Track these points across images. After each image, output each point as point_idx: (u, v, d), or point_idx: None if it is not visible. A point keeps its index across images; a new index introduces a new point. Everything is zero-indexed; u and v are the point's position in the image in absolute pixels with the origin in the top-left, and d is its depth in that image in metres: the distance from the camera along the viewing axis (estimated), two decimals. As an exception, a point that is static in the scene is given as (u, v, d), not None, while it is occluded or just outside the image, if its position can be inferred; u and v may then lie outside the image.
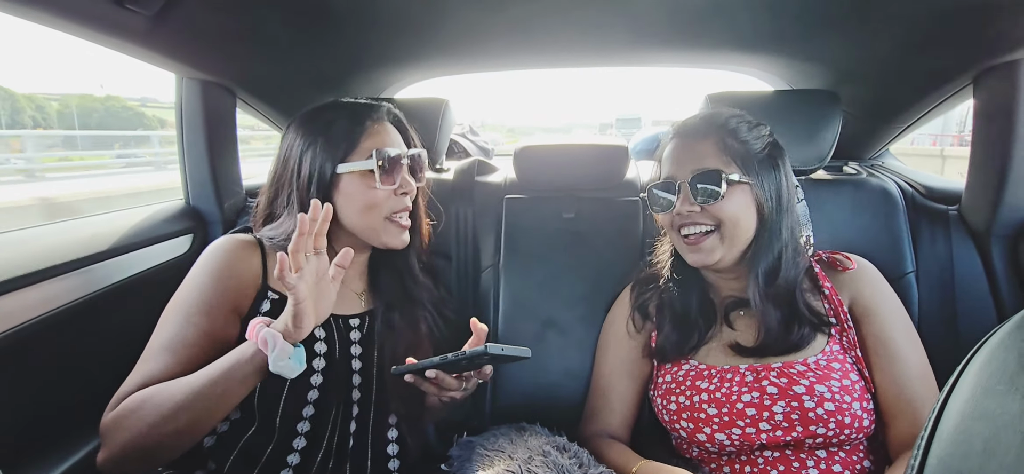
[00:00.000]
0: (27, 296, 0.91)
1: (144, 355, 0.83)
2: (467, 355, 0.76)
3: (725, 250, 0.94)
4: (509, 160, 1.46)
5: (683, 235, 0.96)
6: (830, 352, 0.90)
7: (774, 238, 0.93)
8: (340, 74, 1.49)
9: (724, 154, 0.93)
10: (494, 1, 1.11)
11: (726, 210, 0.92)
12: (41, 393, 0.96)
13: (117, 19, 0.91)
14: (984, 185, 1.18)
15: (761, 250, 0.94)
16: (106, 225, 1.13)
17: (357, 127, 0.94)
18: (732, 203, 0.92)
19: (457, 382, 0.85)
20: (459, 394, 0.87)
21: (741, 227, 0.93)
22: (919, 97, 1.32)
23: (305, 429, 0.89)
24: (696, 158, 0.94)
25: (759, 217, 0.94)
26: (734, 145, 0.93)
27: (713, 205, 0.92)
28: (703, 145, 0.95)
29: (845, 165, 1.51)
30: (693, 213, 0.93)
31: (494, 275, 1.32)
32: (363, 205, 0.93)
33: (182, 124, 1.30)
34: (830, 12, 1.13)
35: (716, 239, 0.94)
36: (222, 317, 0.86)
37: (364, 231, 0.95)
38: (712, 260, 0.94)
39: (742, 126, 0.96)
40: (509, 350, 0.77)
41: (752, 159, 0.93)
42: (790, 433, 0.85)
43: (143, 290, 1.15)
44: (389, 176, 0.93)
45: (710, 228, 0.94)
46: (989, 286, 1.18)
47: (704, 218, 0.93)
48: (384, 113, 0.98)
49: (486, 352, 0.75)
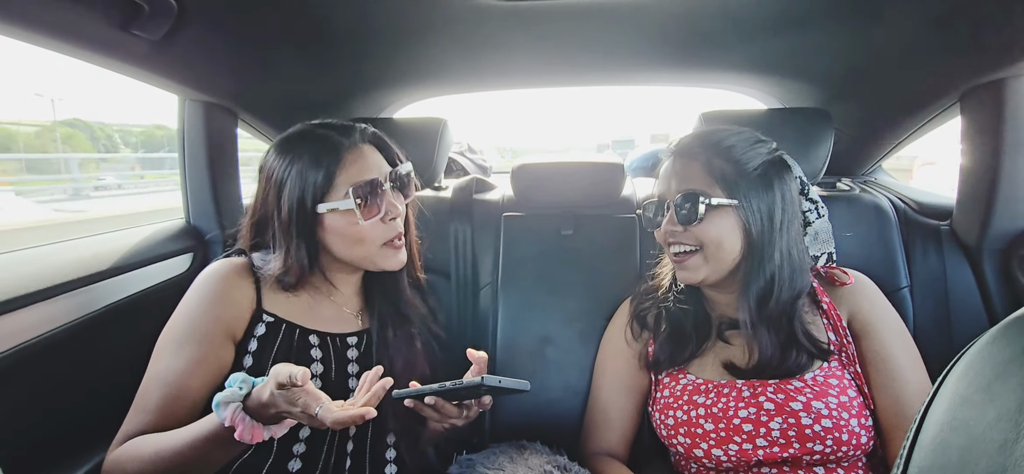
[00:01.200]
0: (29, 315, 0.91)
1: (141, 390, 0.83)
2: (464, 385, 0.76)
3: (709, 269, 0.93)
4: (507, 178, 1.47)
5: (672, 252, 0.97)
6: (828, 369, 0.90)
7: (765, 260, 0.91)
8: (340, 95, 1.51)
9: (709, 175, 0.92)
10: (492, 23, 1.13)
11: (707, 233, 0.91)
12: (43, 412, 0.96)
13: (122, 44, 0.93)
14: (974, 200, 1.20)
15: (751, 272, 0.92)
16: (107, 244, 1.13)
17: (331, 161, 0.88)
18: (713, 226, 0.91)
19: (457, 410, 0.85)
20: (460, 421, 0.87)
21: (724, 249, 0.92)
22: (908, 115, 1.34)
23: (301, 451, 0.88)
24: (683, 178, 0.94)
25: (746, 239, 0.92)
26: (722, 165, 0.92)
27: (693, 227, 0.92)
28: (691, 165, 0.95)
29: (838, 182, 1.53)
30: (676, 232, 0.94)
31: (493, 293, 1.33)
32: (351, 240, 0.91)
33: (184, 144, 1.32)
34: (821, 32, 1.16)
35: (700, 259, 0.94)
36: (217, 343, 0.86)
37: (358, 261, 0.94)
38: (697, 278, 0.94)
39: (739, 144, 0.95)
40: (507, 383, 0.77)
41: (741, 179, 0.92)
42: (787, 450, 0.85)
43: (144, 309, 1.15)
44: (373, 206, 0.89)
45: (694, 248, 0.94)
46: (982, 300, 1.20)
47: (687, 238, 0.93)
48: (358, 137, 0.93)
49: (483, 384, 0.75)
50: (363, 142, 0.94)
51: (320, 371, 0.92)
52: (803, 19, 1.11)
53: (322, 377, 0.92)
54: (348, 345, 0.97)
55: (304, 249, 0.90)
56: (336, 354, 0.95)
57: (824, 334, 0.94)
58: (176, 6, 0.90)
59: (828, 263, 1.04)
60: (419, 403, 0.82)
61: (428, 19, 1.12)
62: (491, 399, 0.86)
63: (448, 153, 1.55)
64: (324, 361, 0.93)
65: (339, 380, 0.94)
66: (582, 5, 1.04)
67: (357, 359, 0.97)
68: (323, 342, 0.94)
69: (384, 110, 1.68)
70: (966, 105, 1.20)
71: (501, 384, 0.76)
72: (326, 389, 0.90)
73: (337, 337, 0.96)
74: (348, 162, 0.90)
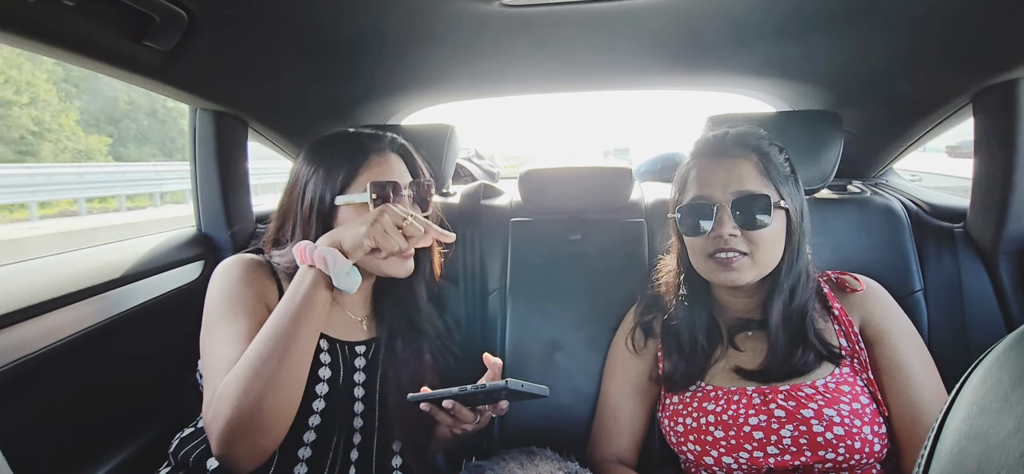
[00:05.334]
0: (44, 323, 0.92)
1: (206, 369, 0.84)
2: (487, 388, 0.76)
3: (756, 271, 0.91)
4: (515, 183, 1.47)
5: (718, 257, 0.91)
6: (840, 375, 0.89)
7: (797, 259, 0.92)
8: (349, 103, 1.52)
9: (764, 176, 0.90)
10: (498, 29, 1.14)
11: (766, 236, 0.89)
12: (58, 418, 0.97)
13: (134, 55, 0.94)
14: (988, 202, 1.18)
15: (785, 273, 0.92)
16: (119, 252, 1.15)
17: (358, 158, 0.94)
18: (773, 228, 0.89)
19: (471, 414, 0.84)
20: (472, 427, 0.87)
21: (775, 252, 0.91)
22: (918, 117, 1.33)
23: (307, 455, 0.88)
24: (736, 179, 0.90)
25: (788, 239, 0.92)
26: (770, 167, 0.91)
27: (755, 231, 0.89)
28: (742, 166, 0.91)
29: (849, 184, 1.51)
30: (734, 238, 0.89)
31: (501, 298, 1.33)
32: None
33: (195, 153, 1.33)
34: (829, 34, 1.15)
35: (749, 260, 0.90)
36: (261, 312, 0.86)
37: (365, 263, 0.94)
38: (744, 281, 0.91)
39: (771, 147, 0.94)
40: (528, 387, 0.77)
41: (784, 180, 0.91)
42: (799, 457, 0.84)
43: (155, 316, 1.16)
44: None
45: (745, 251, 0.90)
46: (998, 303, 1.18)
47: (740, 243, 0.89)
48: (387, 144, 0.98)
49: (506, 387, 0.75)
50: (391, 150, 0.98)
51: (327, 376, 0.92)
52: (811, 21, 1.10)
53: (329, 382, 0.92)
54: (356, 353, 0.98)
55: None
56: (344, 361, 0.95)
57: (835, 340, 0.93)
58: (186, 17, 0.91)
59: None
60: (434, 406, 0.82)
61: (434, 26, 1.12)
62: (508, 404, 0.86)
63: (456, 159, 1.55)
64: (332, 367, 0.93)
65: (346, 387, 0.94)
66: (587, 10, 1.04)
67: (364, 368, 0.97)
68: (332, 347, 0.94)
69: (392, 117, 1.69)
70: (978, 106, 1.18)
71: (523, 388, 0.76)
72: (332, 395, 0.91)
73: (345, 345, 0.97)
74: (374, 163, 0.94)
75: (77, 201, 9.39)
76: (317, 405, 0.89)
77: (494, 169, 2.18)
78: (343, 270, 0.79)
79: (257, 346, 0.77)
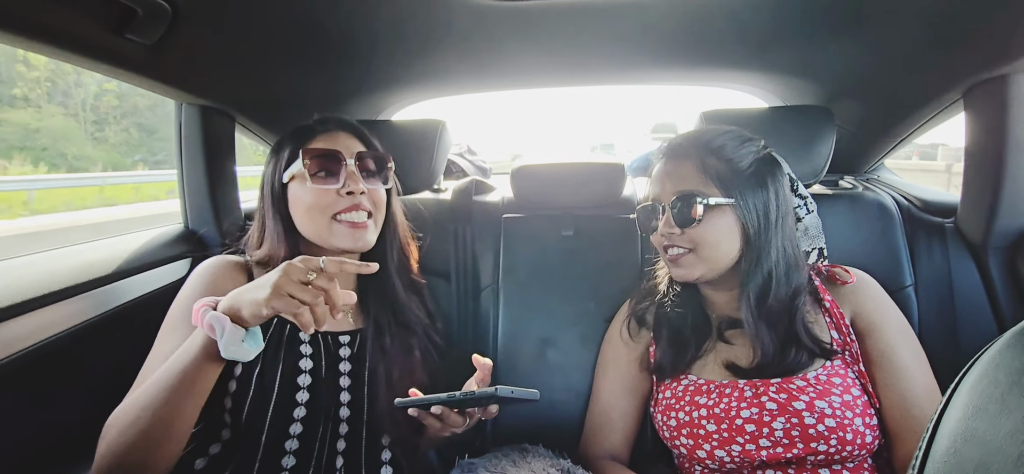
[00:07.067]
0: (29, 322, 0.91)
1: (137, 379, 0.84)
2: (475, 395, 0.76)
3: (705, 268, 0.93)
4: (507, 179, 1.47)
5: (668, 254, 0.97)
6: (831, 368, 0.89)
7: (763, 258, 0.92)
8: (338, 97, 1.50)
9: (704, 175, 0.92)
10: (492, 23, 1.13)
11: (704, 234, 0.91)
12: (43, 418, 0.96)
13: (117, 48, 0.92)
14: (979, 198, 1.19)
15: (750, 270, 0.92)
16: (105, 250, 1.13)
17: (304, 137, 0.96)
18: (710, 226, 0.91)
19: (460, 419, 0.84)
20: (461, 429, 0.86)
21: (722, 249, 0.92)
22: (910, 112, 1.33)
23: (293, 447, 0.87)
24: (677, 180, 0.94)
25: (744, 237, 0.92)
26: (715, 165, 0.93)
27: (691, 228, 0.91)
28: (684, 166, 0.94)
29: (841, 179, 1.52)
30: (673, 235, 0.93)
31: (493, 295, 1.32)
32: (305, 208, 0.94)
33: (181, 149, 1.31)
34: (822, 29, 1.15)
35: (694, 257, 0.93)
36: None
37: (316, 236, 0.95)
38: (693, 276, 0.94)
39: (729, 143, 0.95)
40: (519, 392, 0.76)
41: (736, 178, 0.92)
42: (791, 450, 0.84)
43: (142, 314, 1.14)
44: (331, 177, 0.93)
45: (689, 248, 0.93)
46: (988, 298, 1.18)
47: (683, 241, 0.93)
48: (335, 123, 1.00)
49: (496, 394, 0.74)
50: (338, 128, 1.00)
51: (309, 367, 0.90)
52: (804, 17, 1.10)
53: (312, 373, 0.90)
54: (340, 343, 0.96)
55: (280, 224, 0.95)
56: (327, 353, 0.94)
57: (827, 333, 0.93)
58: (170, 9, 0.89)
59: (819, 259, 1.03)
60: (423, 412, 0.81)
61: (426, 20, 1.11)
62: (497, 408, 0.85)
63: (447, 155, 1.54)
64: (314, 358, 0.91)
65: (330, 380, 0.93)
66: (581, 5, 1.03)
67: (350, 358, 0.96)
68: (314, 339, 0.93)
69: (383, 112, 1.67)
70: (970, 101, 1.19)
71: (513, 394, 0.75)
72: (315, 389, 0.90)
73: (328, 336, 0.95)
74: (318, 141, 0.96)
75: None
76: (301, 396, 0.88)
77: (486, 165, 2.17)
78: (236, 339, 0.70)
79: (146, 391, 0.74)
